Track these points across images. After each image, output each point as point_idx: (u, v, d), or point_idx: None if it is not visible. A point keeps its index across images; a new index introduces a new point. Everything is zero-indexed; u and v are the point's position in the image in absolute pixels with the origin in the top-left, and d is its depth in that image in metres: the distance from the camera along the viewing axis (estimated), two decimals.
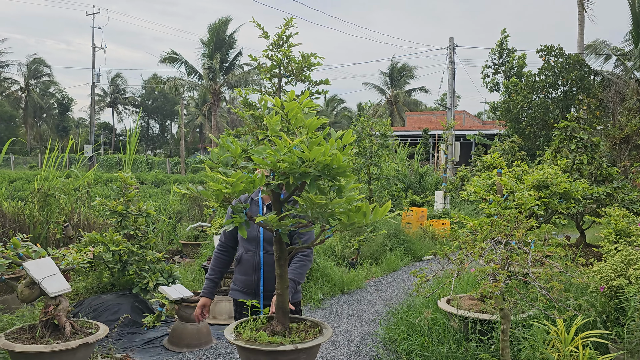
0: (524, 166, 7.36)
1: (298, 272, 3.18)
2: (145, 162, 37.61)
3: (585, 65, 19.84)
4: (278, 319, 2.57)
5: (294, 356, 2.39)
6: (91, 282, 5.92)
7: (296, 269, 3.18)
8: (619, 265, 4.33)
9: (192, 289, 6.37)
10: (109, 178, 20.71)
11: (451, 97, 25.01)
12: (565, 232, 12.04)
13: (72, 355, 3.70)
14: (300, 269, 3.20)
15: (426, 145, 30.68)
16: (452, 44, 24.71)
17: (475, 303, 4.65)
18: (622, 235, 5.78)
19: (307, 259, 3.25)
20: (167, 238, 9.97)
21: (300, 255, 3.23)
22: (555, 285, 3.36)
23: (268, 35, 6.66)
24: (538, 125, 19.62)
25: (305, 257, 3.24)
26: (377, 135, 11.75)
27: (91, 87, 39.04)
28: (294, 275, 3.13)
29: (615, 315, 4.24)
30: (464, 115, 37.05)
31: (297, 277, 3.16)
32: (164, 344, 5.14)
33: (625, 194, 8.02)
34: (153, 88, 57.42)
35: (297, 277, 3.15)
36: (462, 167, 18.96)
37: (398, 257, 9.71)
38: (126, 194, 6.07)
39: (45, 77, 56.25)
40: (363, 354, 5.06)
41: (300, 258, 3.23)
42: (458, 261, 3.68)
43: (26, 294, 3.93)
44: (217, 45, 41.32)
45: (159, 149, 66.06)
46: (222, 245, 3.50)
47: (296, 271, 3.17)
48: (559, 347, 3.72)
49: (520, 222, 3.82)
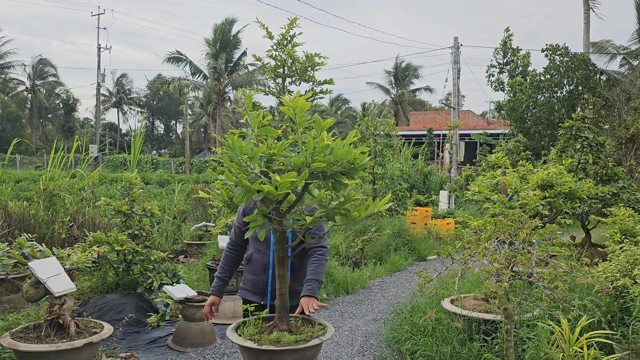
0: (529, 166, 7.33)
1: (318, 272, 3.16)
2: (150, 162, 37.73)
3: (591, 64, 19.76)
4: (281, 319, 2.58)
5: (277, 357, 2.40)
6: (96, 281, 5.93)
7: (315, 268, 3.17)
8: (624, 265, 4.31)
9: (197, 288, 6.38)
10: (114, 178, 20.78)
11: (456, 97, 24.97)
12: (570, 232, 12.00)
13: (76, 354, 3.71)
14: (319, 268, 3.19)
15: (431, 145, 30.63)
16: (457, 44, 24.67)
17: (479, 303, 4.64)
18: (627, 235, 5.76)
19: (324, 258, 3.25)
20: (172, 238, 10.00)
21: (317, 254, 3.23)
22: (560, 285, 3.35)
23: (272, 35, 6.67)
24: (543, 124, 19.56)
25: (322, 256, 3.24)
26: (382, 135, 11.74)
27: (96, 88, 39.22)
28: (314, 275, 3.13)
29: (620, 315, 4.22)
30: (468, 115, 36.99)
31: (318, 276, 3.15)
32: (168, 344, 5.15)
33: (631, 193, 7.98)
34: (158, 88, 57.57)
35: (317, 276, 3.14)
36: (467, 167, 18.91)
37: (402, 257, 9.70)
38: (131, 194, 6.08)
39: (50, 78, 56.49)
40: (367, 354, 5.05)
41: (318, 257, 3.22)
42: (462, 261, 3.67)
43: (31, 293, 3.95)
44: (222, 45, 41.40)
45: (164, 149, 66.25)
46: (232, 244, 3.50)
47: (316, 270, 3.16)
48: (564, 348, 3.71)
49: (524, 222, 3.80)
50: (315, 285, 3.07)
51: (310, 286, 3.05)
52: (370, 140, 11.37)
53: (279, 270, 2.58)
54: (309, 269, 3.18)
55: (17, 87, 54.84)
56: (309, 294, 3.00)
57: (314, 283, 3.07)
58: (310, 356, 2.49)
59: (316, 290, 3.05)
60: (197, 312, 5.06)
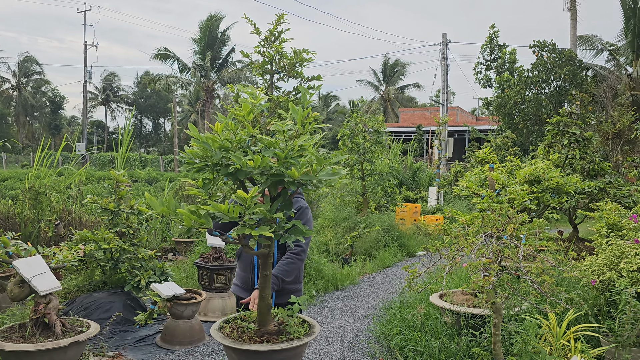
0: (517, 161, 7.37)
1: (283, 269, 3.13)
2: (138, 159, 37.47)
3: (578, 60, 19.91)
4: (261, 317, 2.56)
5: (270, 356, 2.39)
6: (83, 280, 5.88)
7: (283, 265, 3.15)
8: (610, 259, 4.34)
9: (185, 286, 6.34)
10: (101, 176, 20.61)
11: (444, 93, 25.04)
12: (558, 226, 12.09)
13: (62, 353, 3.67)
14: (287, 265, 3.15)
15: (420, 142, 30.74)
16: (445, 40, 24.72)
17: (468, 298, 4.66)
18: (614, 229, 5.80)
19: (297, 257, 3.19)
20: (160, 236, 9.93)
21: (290, 253, 3.18)
22: (547, 279, 3.37)
23: (260, 31, 6.63)
24: (531, 120, 19.69)
25: (295, 256, 3.18)
26: (371, 132, 11.74)
27: (83, 85, 38.87)
28: (278, 271, 3.09)
29: (606, 308, 4.26)
30: (457, 111, 37.13)
31: (281, 274, 3.10)
32: (157, 342, 5.12)
33: (618, 188, 8.05)
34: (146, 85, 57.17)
35: (280, 274, 3.10)
36: (456, 163, 19.00)
37: (392, 253, 9.72)
38: (117, 191, 6.03)
39: (36, 76, 55.86)
40: (356, 350, 5.05)
41: (290, 256, 3.18)
42: (450, 256, 3.68)
43: (16, 292, 3.90)
44: (210, 42, 41.14)
45: (152, 147, 65.82)
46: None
47: (282, 267, 3.13)
48: (551, 341, 3.73)
49: (512, 217, 3.82)
50: (273, 281, 3.00)
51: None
52: (359, 137, 11.36)
53: (262, 270, 2.55)
54: (278, 263, 3.15)
55: (2, 85, 54.19)
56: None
57: (272, 279, 2.99)
58: (295, 355, 2.48)
59: (273, 286, 2.99)
60: (186, 310, 5.03)
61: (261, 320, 2.54)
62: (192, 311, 5.09)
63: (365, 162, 11.43)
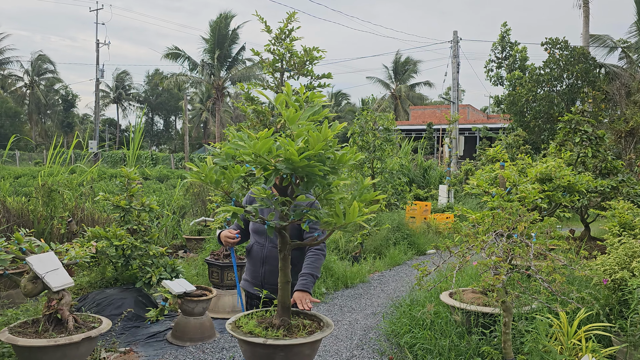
0: (528, 159, 7.32)
1: (314, 266, 3.14)
2: (149, 157, 37.68)
3: (591, 58, 19.73)
4: (278, 313, 2.57)
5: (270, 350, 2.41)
6: (95, 276, 5.94)
7: (312, 262, 3.15)
8: (622, 258, 4.31)
9: (195, 283, 6.38)
10: (113, 174, 20.76)
11: (455, 91, 24.92)
12: (569, 225, 12.00)
13: (75, 349, 3.71)
14: (315, 262, 3.16)
15: (430, 140, 30.60)
16: (456, 37, 24.59)
17: (478, 296, 4.64)
18: (626, 228, 5.75)
19: (322, 253, 3.22)
20: (171, 233, 10.00)
21: (314, 249, 3.21)
22: (558, 278, 3.35)
23: (270, 29, 6.64)
24: (543, 118, 19.54)
25: (319, 251, 3.22)
26: (381, 130, 11.72)
27: (95, 83, 39.15)
28: (310, 269, 3.11)
29: (618, 308, 4.22)
30: (468, 109, 36.91)
31: (314, 271, 3.13)
32: (168, 338, 5.16)
33: (631, 187, 7.97)
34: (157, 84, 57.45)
35: (313, 271, 3.12)
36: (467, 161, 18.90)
37: (402, 251, 9.70)
38: (129, 189, 6.08)
39: (49, 74, 56.34)
40: (366, 347, 5.06)
41: (315, 252, 3.20)
42: (460, 254, 3.67)
43: (29, 288, 3.95)
44: (220, 41, 41.20)
45: (164, 145, 66.18)
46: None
47: (312, 265, 3.14)
48: (562, 340, 3.71)
49: (523, 215, 3.80)
50: (310, 280, 3.04)
51: (304, 281, 3.02)
52: (369, 135, 11.34)
53: (280, 263, 2.57)
54: (305, 262, 3.16)
55: (15, 83, 54.73)
56: (302, 288, 2.98)
57: (308, 278, 3.04)
58: (310, 351, 2.49)
59: (311, 285, 3.03)
60: (196, 307, 5.07)
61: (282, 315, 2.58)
62: (203, 308, 5.13)
63: (376, 160, 11.41)
